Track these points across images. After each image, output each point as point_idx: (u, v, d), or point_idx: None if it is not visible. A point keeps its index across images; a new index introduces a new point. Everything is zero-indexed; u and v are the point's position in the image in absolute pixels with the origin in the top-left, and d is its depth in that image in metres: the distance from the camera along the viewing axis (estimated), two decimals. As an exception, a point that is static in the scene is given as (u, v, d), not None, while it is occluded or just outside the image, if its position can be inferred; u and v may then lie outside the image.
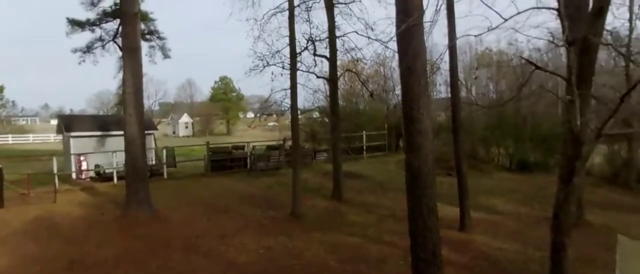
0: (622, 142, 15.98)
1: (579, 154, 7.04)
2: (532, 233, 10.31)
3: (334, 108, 13.53)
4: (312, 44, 13.66)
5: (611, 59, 17.58)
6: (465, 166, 10.58)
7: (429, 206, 5.50)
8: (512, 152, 18.85)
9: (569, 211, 7.46)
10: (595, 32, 7.22)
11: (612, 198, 14.30)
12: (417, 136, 5.44)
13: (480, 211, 12.39)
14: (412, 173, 5.53)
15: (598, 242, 10.00)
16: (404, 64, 5.50)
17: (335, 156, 13.43)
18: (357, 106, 23.43)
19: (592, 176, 16.52)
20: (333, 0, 13.20)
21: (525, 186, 15.65)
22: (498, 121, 19.13)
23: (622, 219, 11.81)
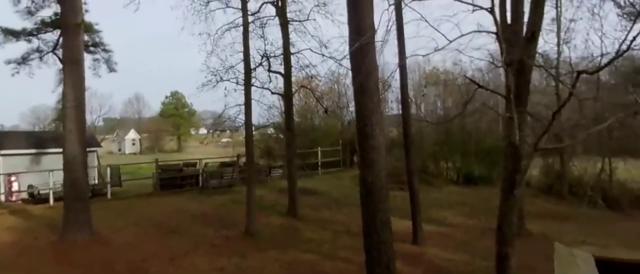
0: (555, 155, 17.30)
1: (518, 167, 7.52)
2: (479, 243, 10.78)
3: (289, 124, 13.52)
4: (267, 60, 13.67)
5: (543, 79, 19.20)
6: (416, 181, 10.92)
7: (383, 220, 5.59)
8: (459, 167, 19.76)
9: (511, 221, 7.90)
10: (529, 54, 7.85)
11: (548, 208, 15.35)
12: (371, 152, 5.55)
13: (432, 224, 12.80)
14: (367, 188, 5.61)
15: (538, 250, 10.67)
16: (357, 81, 5.64)
17: (290, 172, 13.35)
18: (312, 122, 23.59)
19: (531, 187, 17.68)
20: (287, 18, 13.33)
21: (471, 198, 16.42)
22: (446, 136, 20.05)
23: (558, 227, 12.70)
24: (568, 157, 17.07)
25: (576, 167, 17.43)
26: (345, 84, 21.70)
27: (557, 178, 17.40)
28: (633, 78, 15.67)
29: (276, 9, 13.35)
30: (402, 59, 9.76)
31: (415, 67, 26.05)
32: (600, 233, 11.94)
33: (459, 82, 16.44)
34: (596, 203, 15.67)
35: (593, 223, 13.29)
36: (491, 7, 7.49)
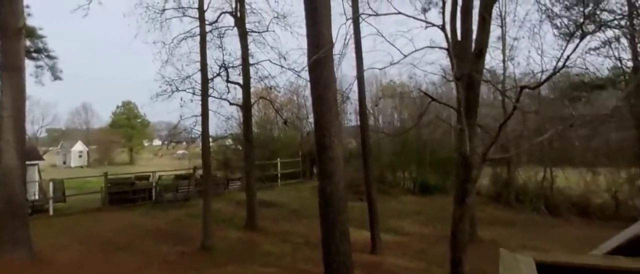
0: (503, 165, 18.32)
1: (469, 177, 7.89)
2: (434, 251, 11.12)
3: (248, 135, 13.34)
4: (225, 70, 13.47)
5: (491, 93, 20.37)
6: (374, 191, 11.12)
7: (342, 231, 5.62)
8: (415, 176, 20.38)
9: (464, 229, 8.23)
10: (477, 70, 8.32)
11: (497, 215, 16.16)
12: (329, 163, 5.59)
13: (390, 233, 13.05)
14: (325, 199, 5.63)
15: (489, 255, 11.14)
16: (316, 93, 5.69)
17: (249, 184, 13.13)
18: (272, 133, 23.43)
19: (481, 196, 18.55)
20: (246, 29, 13.26)
21: (427, 207, 16.94)
22: (402, 147, 20.63)
23: (506, 233, 13.38)
24: (514, 166, 18.13)
25: (521, 176, 18.53)
26: (305, 95, 21.83)
27: (505, 186, 18.40)
28: (569, 93, 17.04)
29: (235, 19, 13.24)
30: (360, 71, 9.98)
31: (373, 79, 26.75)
32: (543, 238, 12.74)
33: (414, 95, 17.06)
34: (539, 210, 16.72)
35: (537, 228, 14.15)
36: (442, 25, 7.88)
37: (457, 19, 10.37)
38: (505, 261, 1.61)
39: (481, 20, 9.11)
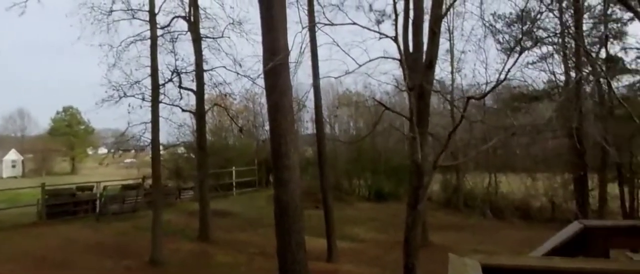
0: (452, 172, 19.15)
1: (421, 183, 8.16)
2: (389, 257, 11.34)
3: (201, 143, 12.94)
4: (178, 76, 13.04)
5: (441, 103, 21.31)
6: (331, 199, 11.18)
7: (297, 240, 5.57)
8: (370, 184, 20.76)
9: (416, 234, 8.47)
10: (428, 80, 8.66)
11: (448, 220, 16.82)
12: (285, 172, 5.54)
13: (346, 241, 13.15)
14: (281, 208, 5.57)
15: (440, 260, 11.54)
16: (271, 100, 5.64)
17: (202, 194, 12.71)
18: (227, 141, 22.92)
19: (433, 201, 19.24)
20: (200, 34, 12.93)
21: (382, 214, 17.28)
22: (358, 155, 20.97)
23: (455, 237, 13.94)
24: (462, 173, 19.01)
25: (469, 182, 19.46)
26: (261, 102, 21.58)
27: (454, 192, 19.23)
28: (511, 104, 18.23)
29: (188, 24, 12.87)
30: (316, 79, 10.05)
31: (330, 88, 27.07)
32: (490, 240, 13.41)
33: (369, 104, 17.44)
34: (485, 214, 17.62)
35: (484, 232, 14.87)
36: (395, 37, 8.14)
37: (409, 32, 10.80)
38: (453, 265, 1.66)
39: (431, 34, 9.51)
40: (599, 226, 1.69)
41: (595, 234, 1.62)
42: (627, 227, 1.69)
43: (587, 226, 1.63)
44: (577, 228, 1.66)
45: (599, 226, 1.69)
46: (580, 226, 1.65)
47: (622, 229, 1.69)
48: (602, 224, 1.73)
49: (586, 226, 1.63)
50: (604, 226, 1.73)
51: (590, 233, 1.61)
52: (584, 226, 1.64)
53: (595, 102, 16.89)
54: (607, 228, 1.71)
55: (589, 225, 1.64)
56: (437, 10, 9.36)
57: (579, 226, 1.66)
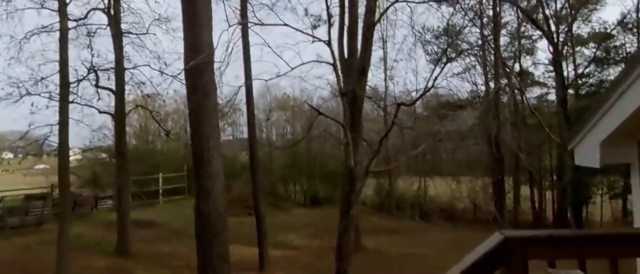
0: (385, 176, 19.69)
1: (353, 188, 8.13)
2: (322, 263, 11.19)
3: (120, 148, 11.82)
4: (95, 73, 11.85)
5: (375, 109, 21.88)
6: (263, 205, 10.79)
7: (220, 253, 5.16)
8: (306, 189, 20.62)
9: (348, 240, 8.42)
10: (361, 86, 8.71)
11: (381, 223, 17.18)
12: (208, 180, 5.12)
13: (279, 248, 12.80)
14: (202, 219, 5.12)
15: (372, 263, 11.69)
16: (193, 102, 5.19)
17: (120, 203, 11.61)
18: (153, 145, 21.41)
19: (367, 206, 19.60)
20: (121, 29, 11.88)
21: (316, 219, 17.18)
22: (294, 160, 20.73)
23: (388, 240, 14.25)
24: (394, 177, 19.61)
25: (400, 186, 20.14)
26: (192, 105, 20.50)
27: (387, 196, 19.76)
28: (438, 112, 19.25)
29: (108, 17, 11.75)
30: (248, 81, 9.65)
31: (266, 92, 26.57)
32: (419, 243, 13.87)
33: (304, 108, 17.34)
34: (415, 217, 18.31)
35: (414, 234, 15.40)
36: (328, 41, 8.04)
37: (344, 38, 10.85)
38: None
39: (364, 40, 9.61)
40: (518, 237, 1.61)
41: (515, 245, 1.55)
42: (545, 237, 1.63)
43: (507, 237, 1.54)
44: (498, 239, 1.56)
45: (519, 237, 1.61)
46: (501, 238, 1.54)
47: (541, 239, 1.63)
48: (521, 234, 1.66)
49: (507, 237, 1.53)
50: (523, 237, 1.63)
51: (511, 244, 1.54)
52: (505, 237, 1.54)
53: (510, 111, 18.39)
54: (526, 238, 1.63)
55: (509, 236, 1.55)
56: (370, 17, 9.48)
57: (500, 237, 1.55)
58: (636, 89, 1.98)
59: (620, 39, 16.49)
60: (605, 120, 2.22)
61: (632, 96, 2.01)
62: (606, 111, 2.20)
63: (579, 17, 16.60)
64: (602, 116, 2.23)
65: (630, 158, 2.25)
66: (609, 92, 2.21)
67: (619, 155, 2.28)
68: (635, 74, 1.97)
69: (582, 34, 17.03)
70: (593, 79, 17.06)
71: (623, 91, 2.05)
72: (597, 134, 2.29)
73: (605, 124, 2.22)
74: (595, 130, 2.31)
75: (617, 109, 2.12)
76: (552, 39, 15.79)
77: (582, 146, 2.47)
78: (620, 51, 16.67)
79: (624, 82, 2.04)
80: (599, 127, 2.28)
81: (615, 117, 2.14)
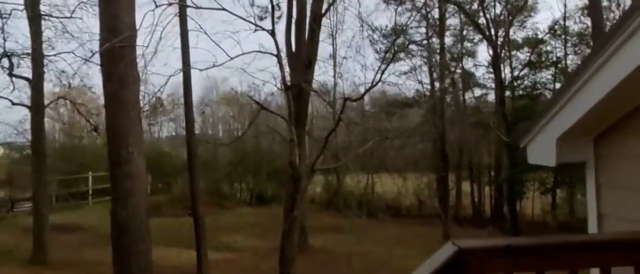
0: (333, 173, 19.53)
1: (298, 187, 7.72)
2: (267, 265, 10.70)
3: (37, 145, 10.49)
4: (8, 59, 10.43)
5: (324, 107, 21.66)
6: (201, 206, 10.08)
7: (142, 265, 4.52)
8: (252, 187, 19.94)
9: (293, 242, 8.00)
10: (307, 80, 8.33)
11: (328, 221, 16.98)
12: (126, 181, 4.45)
13: (222, 250, 12.15)
14: (119, 226, 4.46)
15: (318, 263, 11.40)
16: (109, 91, 4.48)
17: (37, 206, 10.32)
18: (82, 142, 19.60)
19: (315, 203, 19.34)
20: (40, 11, 10.53)
21: (263, 218, 16.62)
22: (240, 157, 19.95)
23: (336, 238, 14.05)
24: (342, 175, 19.51)
25: (348, 184, 20.09)
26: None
27: (335, 194, 19.62)
28: (386, 109, 19.44)
29: (24, -3, 10.36)
30: (186, 72, 8.89)
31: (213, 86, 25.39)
32: (367, 240, 13.82)
33: (246, 102, 16.67)
34: (362, 214, 18.33)
35: (361, 231, 15.34)
36: (272, 30, 7.55)
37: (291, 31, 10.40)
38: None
39: (311, 32, 9.24)
40: (473, 248, 1.45)
41: (470, 258, 1.41)
42: (502, 247, 1.48)
43: (462, 249, 1.40)
44: (450, 251, 1.41)
45: (474, 248, 1.46)
46: (455, 249, 1.40)
47: (498, 250, 1.48)
48: (476, 245, 1.49)
49: (462, 249, 1.40)
50: (479, 248, 1.47)
51: (465, 256, 1.40)
52: (459, 248, 1.40)
53: (453, 110, 18.99)
54: (482, 249, 1.48)
55: (464, 247, 1.41)
56: (318, 7, 9.11)
57: (453, 248, 1.41)
58: (594, 85, 1.76)
59: (551, 44, 17.59)
60: (561, 116, 1.99)
61: (590, 92, 1.79)
62: (562, 107, 1.97)
63: (515, 23, 17.49)
64: (558, 111, 2.00)
65: (586, 156, 2.04)
66: (565, 88, 1.98)
67: (576, 153, 2.06)
68: (592, 70, 1.74)
69: (517, 39, 17.98)
70: (527, 81, 18.04)
71: (579, 87, 1.83)
72: (552, 131, 2.06)
73: (562, 120, 1.99)
74: (550, 127, 2.08)
75: (574, 105, 1.89)
76: (492, 42, 16.46)
77: (536, 144, 2.23)
78: (551, 56, 17.80)
79: (581, 78, 1.81)
80: (554, 123, 2.05)
81: (573, 113, 1.91)
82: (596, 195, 1.97)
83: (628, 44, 1.54)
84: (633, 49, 1.52)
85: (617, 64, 1.62)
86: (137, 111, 4.68)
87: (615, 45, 1.57)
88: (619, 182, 1.90)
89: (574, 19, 16.79)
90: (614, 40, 1.58)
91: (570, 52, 17.20)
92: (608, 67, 1.67)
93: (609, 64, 1.65)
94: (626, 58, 1.56)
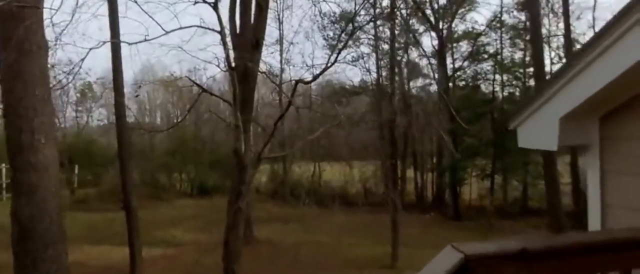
0: (280, 162, 19.01)
1: (243, 178, 7.14)
2: (209, 260, 10.00)
3: None
4: None
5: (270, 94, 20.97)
6: (134, 199, 9.10)
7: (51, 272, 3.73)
8: (193, 177, 18.83)
9: (237, 236, 7.42)
10: (254, 60, 7.69)
11: (275, 212, 16.52)
12: (30, 173, 3.62)
13: (159, 246, 11.24)
14: (22, 227, 3.62)
15: (265, 256, 10.91)
16: (5, 60, 3.58)
17: None
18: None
19: (261, 193, 18.73)
20: None
21: (205, 210, 15.73)
22: (179, 145, 18.72)
23: (282, 229, 13.64)
24: (289, 163, 19.07)
25: (296, 172, 19.70)
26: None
27: (281, 183, 19.14)
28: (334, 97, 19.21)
29: None
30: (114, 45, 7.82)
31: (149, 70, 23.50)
32: (315, 230, 13.57)
33: (181, 85, 15.53)
34: (310, 203, 18.07)
35: (309, 221, 15.05)
36: (214, 3, 6.81)
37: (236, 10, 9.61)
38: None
39: (258, 9, 8.54)
40: (481, 254, 1.17)
41: (478, 266, 1.14)
42: (515, 252, 1.18)
43: (468, 256, 1.12)
44: (454, 259, 1.12)
45: (482, 254, 1.17)
46: (460, 257, 1.12)
47: (510, 255, 1.19)
48: (485, 251, 1.19)
49: (467, 256, 1.11)
50: (487, 254, 1.18)
51: (472, 264, 1.12)
52: (464, 255, 1.11)
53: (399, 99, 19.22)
54: (491, 255, 1.19)
55: (470, 253, 1.13)
56: (264, -17, 8.43)
57: (457, 255, 1.12)
58: (612, 57, 1.46)
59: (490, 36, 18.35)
60: (567, 92, 1.67)
61: (607, 64, 1.49)
62: (570, 81, 1.64)
63: (457, 16, 17.99)
64: (563, 86, 1.67)
65: (590, 139, 1.74)
66: (573, 61, 1.66)
67: (580, 135, 1.76)
68: (611, 39, 1.44)
69: (459, 31, 18.55)
70: (469, 71, 18.72)
71: (593, 58, 1.52)
72: (554, 111, 1.74)
73: (567, 97, 1.67)
74: (551, 106, 1.77)
75: (585, 80, 1.58)
76: (438, 33, 16.76)
77: (532, 125, 1.90)
78: (489, 48, 18.59)
79: (595, 50, 1.51)
80: (557, 102, 1.73)
81: (582, 89, 1.60)
82: (600, 183, 1.69)
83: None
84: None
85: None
86: (46, 87, 3.82)
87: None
88: (628, 169, 1.62)
89: (511, 13, 17.64)
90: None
91: (506, 44, 18.10)
92: (630, 36, 1.37)
93: (632, 33, 1.36)
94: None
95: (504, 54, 18.14)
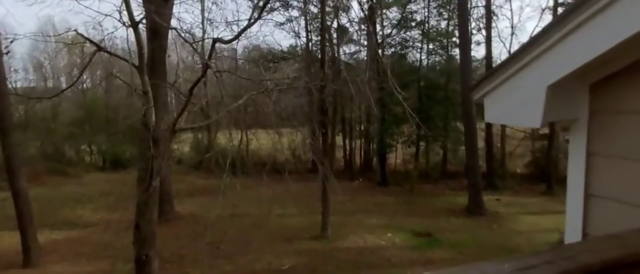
0: (204, 131, 17.86)
1: (156, 151, 6.30)
2: (123, 241, 9.04)
3: None
4: None
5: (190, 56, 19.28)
6: (23, 178, 7.75)
7: None
8: (105, 150, 16.98)
9: (151, 218, 6.64)
10: (164, 15, 6.66)
11: (199, 184, 15.57)
12: None
13: (63, 229, 9.95)
14: None
15: (187, 234, 10.17)
16: None
17: None
18: None
19: (183, 164, 17.54)
20: None
21: (119, 185, 14.30)
22: (87, 114, 16.64)
23: (206, 203, 12.85)
24: (214, 132, 18.03)
25: (221, 141, 18.71)
26: None
27: (205, 153, 18.11)
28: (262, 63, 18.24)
29: None
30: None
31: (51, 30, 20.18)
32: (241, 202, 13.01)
33: (78, 42, 13.57)
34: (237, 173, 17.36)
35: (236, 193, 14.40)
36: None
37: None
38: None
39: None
40: None
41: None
42: None
43: None
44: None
45: None
46: None
47: None
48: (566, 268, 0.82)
49: None
50: None
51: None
52: None
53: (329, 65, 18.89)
54: None
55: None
56: None
57: None
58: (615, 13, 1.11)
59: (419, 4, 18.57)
60: (554, 56, 1.31)
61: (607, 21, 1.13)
62: (557, 42, 1.28)
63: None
64: (549, 49, 1.31)
65: (576, 113, 1.42)
66: (561, 21, 1.28)
67: (565, 108, 1.42)
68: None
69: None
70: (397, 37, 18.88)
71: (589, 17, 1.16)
72: (538, 77, 1.37)
73: (557, 62, 1.31)
74: (533, 71, 1.39)
75: (586, 38, 1.22)
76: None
77: (505, 96, 1.53)
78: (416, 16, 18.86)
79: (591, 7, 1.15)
80: (541, 66, 1.36)
81: (579, 52, 1.24)
82: (585, 168, 1.39)
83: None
84: None
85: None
86: None
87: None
88: (622, 151, 1.32)
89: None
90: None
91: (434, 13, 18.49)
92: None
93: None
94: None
95: (431, 23, 18.53)
